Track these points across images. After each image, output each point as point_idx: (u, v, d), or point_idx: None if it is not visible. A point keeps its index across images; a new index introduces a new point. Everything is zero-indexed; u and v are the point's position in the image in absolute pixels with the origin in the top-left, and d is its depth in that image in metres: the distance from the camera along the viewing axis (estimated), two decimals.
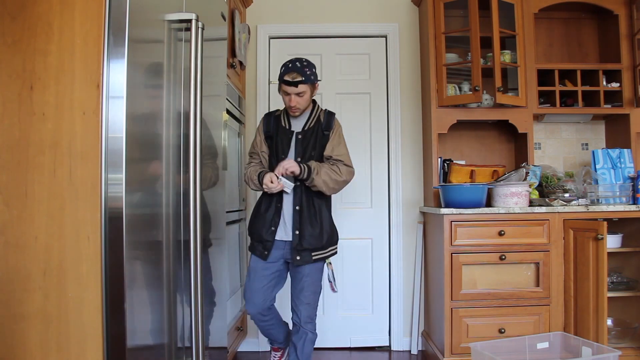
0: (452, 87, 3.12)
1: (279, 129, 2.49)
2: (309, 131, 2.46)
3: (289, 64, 2.35)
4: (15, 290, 1.28)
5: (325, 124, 2.47)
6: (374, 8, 3.48)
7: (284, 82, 2.34)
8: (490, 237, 2.74)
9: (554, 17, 3.34)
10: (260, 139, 2.54)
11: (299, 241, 2.35)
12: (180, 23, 1.62)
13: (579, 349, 2.45)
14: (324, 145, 2.44)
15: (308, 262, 2.37)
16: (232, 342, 2.76)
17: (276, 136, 2.48)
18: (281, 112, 2.55)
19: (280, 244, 2.41)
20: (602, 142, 3.39)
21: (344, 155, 2.46)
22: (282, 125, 2.49)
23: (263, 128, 2.53)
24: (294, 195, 2.38)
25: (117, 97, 1.29)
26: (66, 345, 1.28)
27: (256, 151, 2.54)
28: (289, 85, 2.32)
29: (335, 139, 2.47)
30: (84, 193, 1.28)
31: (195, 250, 1.61)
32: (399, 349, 3.35)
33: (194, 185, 1.61)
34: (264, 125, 2.53)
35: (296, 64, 2.33)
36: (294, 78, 2.31)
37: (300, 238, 2.35)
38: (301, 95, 2.35)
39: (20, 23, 1.30)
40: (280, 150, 2.45)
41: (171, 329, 1.57)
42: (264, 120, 2.55)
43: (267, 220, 2.41)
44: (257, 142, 2.55)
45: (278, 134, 2.48)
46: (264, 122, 2.54)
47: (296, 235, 2.36)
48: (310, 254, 2.37)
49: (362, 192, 3.44)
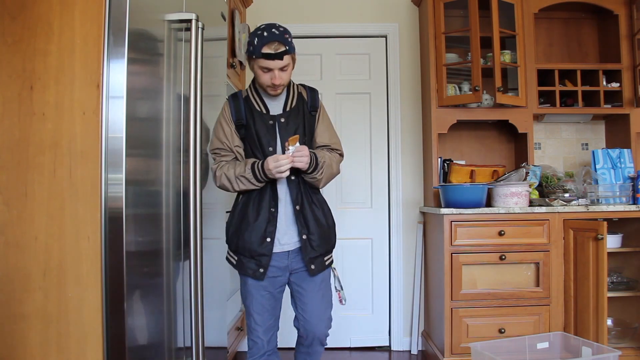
0: (452, 87, 3.12)
1: (254, 114, 1.95)
2: (293, 113, 1.98)
3: (263, 33, 1.84)
4: (15, 290, 1.28)
5: (311, 102, 2.02)
6: (374, 8, 3.48)
7: (264, 56, 1.84)
8: (490, 237, 2.74)
9: (554, 17, 3.34)
10: (230, 130, 1.95)
11: (310, 246, 1.94)
12: (180, 23, 1.62)
13: (579, 349, 2.44)
14: (312, 129, 2.02)
15: (322, 269, 1.98)
16: (232, 342, 2.76)
17: (253, 125, 1.95)
18: (249, 93, 2.00)
19: (281, 255, 1.95)
20: (602, 142, 3.38)
21: (338, 143, 2.08)
22: (257, 110, 1.96)
23: (232, 116, 1.96)
24: (290, 193, 1.94)
25: (117, 97, 1.29)
26: (66, 345, 1.28)
27: (226, 147, 1.96)
28: (271, 59, 1.84)
29: (325, 121, 2.06)
30: (84, 193, 1.28)
31: (195, 249, 1.61)
32: (399, 349, 3.35)
33: (194, 185, 1.61)
34: (232, 112, 1.96)
35: (273, 32, 1.84)
36: (277, 49, 1.84)
37: (310, 242, 1.94)
38: (285, 70, 1.89)
39: (20, 23, 1.30)
40: (265, 142, 1.93)
41: (171, 329, 1.57)
42: (231, 105, 1.97)
43: (259, 230, 1.90)
44: (225, 134, 1.96)
45: (255, 121, 1.95)
46: (232, 108, 1.96)
47: (304, 240, 1.93)
48: (323, 259, 1.99)
49: (362, 192, 3.44)
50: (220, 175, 1.93)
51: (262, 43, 1.83)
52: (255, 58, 1.86)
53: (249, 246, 1.91)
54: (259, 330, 1.96)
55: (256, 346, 1.97)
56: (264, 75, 1.88)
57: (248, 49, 1.89)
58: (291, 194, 1.94)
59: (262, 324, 1.96)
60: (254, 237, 1.90)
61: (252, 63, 1.90)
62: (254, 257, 1.92)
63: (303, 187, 1.96)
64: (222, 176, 1.92)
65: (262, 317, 1.96)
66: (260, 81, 1.92)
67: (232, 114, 1.95)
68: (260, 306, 1.96)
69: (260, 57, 1.85)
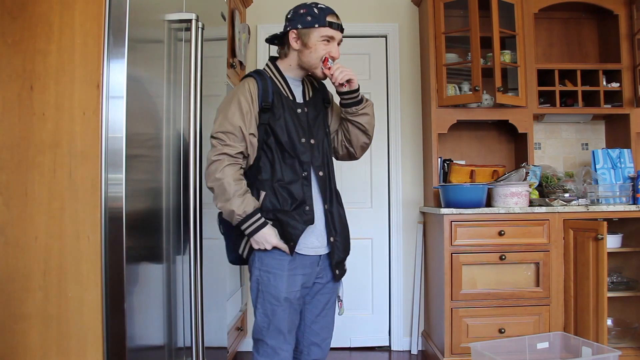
0: (452, 87, 3.12)
1: (283, 100, 1.70)
2: (312, 103, 1.77)
3: (320, 5, 1.69)
4: (15, 290, 1.28)
5: (324, 94, 1.84)
6: (374, 8, 3.48)
7: (330, 25, 1.66)
8: (490, 237, 2.74)
9: (554, 17, 3.34)
10: (251, 113, 1.65)
11: (338, 251, 1.78)
12: (180, 23, 1.62)
13: (579, 349, 2.44)
14: (327, 122, 1.83)
15: (342, 276, 1.83)
16: (232, 342, 2.76)
17: (283, 112, 1.68)
18: (272, 74, 1.74)
19: (310, 260, 1.72)
20: (602, 142, 3.38)
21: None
22: (285, 95, 1.71)
23: (259, 96, 1.66)
24: (319, 189, 1.72)
25: (117, 97, 1.29)
26: (66, 345, 1.28)
27: (238, 132, 1.63)
28: (336, 29, 1.67)
29: (336, 110, 1.85)
30: (84, 193, 1.28)
31: (195, 249, 1.61)
32: (399, 349, 3.35)
33: (193, 184, 1.61)
34: (259, 91, 1.66)
35: (329, 7, 1.70)
36: (339, 20, 1.70)
37: (337, 246, 1.78)
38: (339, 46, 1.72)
39: (20, 23, 1.30)
40: (295, 135, 1.67)
41: (171, 329, 1.57)
42: (259, 83, 1.67)
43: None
44: (243, 116, 1.63)
45: (284, 108, 1.69)
46: (260, 86, 1.67)
47: (332, 243, 1.76)
48: (344, 265, 1.83)
49: (362, 192, 3.44)
50: (220, 178, 1.59)
51: (326, 13, 1.67)
52: (318, 27, 1.65)
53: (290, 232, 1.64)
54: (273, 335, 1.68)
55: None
56: (325, 47, 1.67)
57: (304, 19, 1.66)
58: (319, 189, 1.72)
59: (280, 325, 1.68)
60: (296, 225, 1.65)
61: (309, 35, 1.66)
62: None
63: (329, 182, 1.76)
64: (214, 173, 1.60)
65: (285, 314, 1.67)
66: (315, 56, 1.67)
67: (258, 94, 1.66)
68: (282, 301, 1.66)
69: (325, 26, 1.65)
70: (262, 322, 1.67)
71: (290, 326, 1.69)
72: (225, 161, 1.61)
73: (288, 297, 1.66)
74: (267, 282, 1.66)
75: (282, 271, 1.66)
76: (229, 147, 1.62)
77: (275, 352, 1.66)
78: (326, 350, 1.81)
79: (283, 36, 1.74)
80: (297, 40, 1.69)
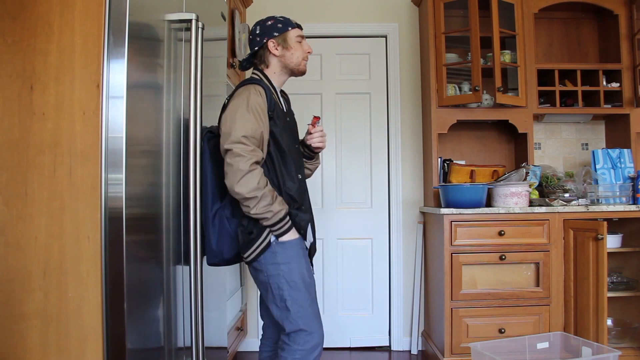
0: (452, 87, 3.12)
1: (278, 108, 1.81)
2: (290, 113, 1.94)
3: (280, 16, 1.91)
4: (15, 290, 1.28)
5: (289, 106, 1.99)
6: (374, 8, 3.48)
7: (298, 26, 1.87)
8: (490, 237, 2.74)
9: (554, 17, 3.34)
10: (266, 122, 1.73)
11: (314, 248, 1.94)
12: (180, 23, 1.62)
13: (579, 349, 2.44)
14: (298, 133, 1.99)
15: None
16: (232, 342, 2.76)
17: (280, 120, 1.80)
18: (269, 84, 1.86)
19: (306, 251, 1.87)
20: (602, 142, 3.38)
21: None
22: (279, 103, 1.85)
23: (268, 106, 1.75)
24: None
25: (117, 97, 1.29)
26: (66, 345, 1.28)
27: (259, 138, 1.70)
28: (302, 29, 1.89)
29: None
30: (84, 193, 1.28)
31: (196, 249, 1.61)
32: (399, 349, 3.35)
33: (194, 184, 1.61)
34: (269, 101, 1.75)
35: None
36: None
37: (314, 244, 1.94)
38: None
39: (20, 23, 1.30)
40: (292, 141, 1.84)
41: (171, 329, 1.57)
42: (267, 93, 1.76)
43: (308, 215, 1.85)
44: (263, 123, 1.72)
45: (280, 116, 1.81)
46: (267, 95, 1.76)
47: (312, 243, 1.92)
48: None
49: (362, 192, 3.44)
50: (262, 187, 1.65)
51: (287, 18, 1.87)
52: (290, 29, 1.84)
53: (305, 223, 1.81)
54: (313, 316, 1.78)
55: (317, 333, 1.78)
56: (302, 45, 1.86)
57: (276, 28, 1.83)
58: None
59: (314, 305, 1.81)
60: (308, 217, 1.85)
61: (287, 38, 1.84)
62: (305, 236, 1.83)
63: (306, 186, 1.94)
64: (265, 193, 1.65)
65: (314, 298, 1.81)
66: (296, 55, 1.85)
67: (268, 104, 1.74)
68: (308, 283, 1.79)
69: (295, 27, 1.85)
70: (296, 313, 1.74)
71: (317, 307, 1.81)
72: (258, 169, 1.68)
73: (311, 281, 1.80)
74: (290, 272, 1.75)
75: (300, 258, 1.77)
76: (255, 153, 1.67)
77: (312, 336, 1.75)
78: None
79: (259, 50, 1.88)
80: (278, 47, 1.84)
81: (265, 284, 1.79)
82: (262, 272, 1.77)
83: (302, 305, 1.75)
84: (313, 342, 1.74)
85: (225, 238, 1.76)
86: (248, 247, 1.74)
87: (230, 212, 1.77)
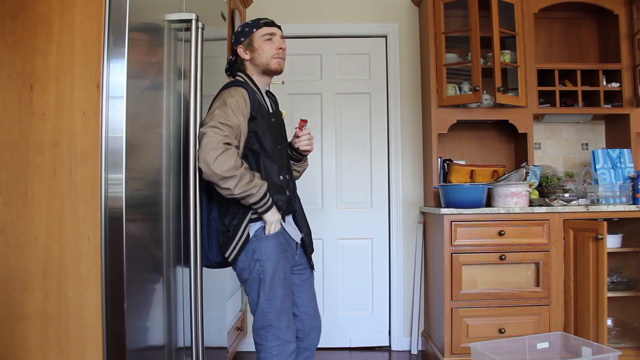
0: (452, 87, 3.12)
1: (262, 109, 1.80)
2: (275, 114, 1.91)
3: (251, 19, 1.90)
4: (15, 290, 1.28)
5: (277, 107, 1.98)
6: (374, 8, 3.48)
7: (265, 24, 1.84)
8: (490, 237, 2.74)
9: (554, 17, 3.34)
10: (245, 117, 1.73)
11: (310, 243, 1.93)
12: (180, 23, 1.62)
13: (579, 349, 2.44)
14: (285, 133, 1.99)
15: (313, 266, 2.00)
16: (232, 342, 2.76)
17: (264, 120, 1.79)
18: (254, 85, 1.85)
19: (292, 244, 1.85)
20: (602, 142, 3.38)
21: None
22: (263, 104, 1.83)
23: (250, 105, 1.75)
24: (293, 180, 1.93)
25: (117, 97, 1.29)
26: (66, 345, 1.28)
27: (236, 130, 1.69)
28: (273, 26, 1.86)
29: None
30: (84, 193, 1.28)
31: (196, 249, 1.61)
32: (399, 349, 3.34)
33: (193, 184, 1.61)
34: (250, 101, 1.75)
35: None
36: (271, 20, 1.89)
37: (307, 241, 1.92)
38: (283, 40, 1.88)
39: (20, 23, 1.30)
40: (276, 142, 1.83)
41: (171, 329, 1.57)
42: (250, 94, 1.76)
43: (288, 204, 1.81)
44: (243, 116, 1.72)
45: (264, 117, 1.80)
46: (250, 96, 1.76)
47: (302, 238, 1.90)
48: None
49: (362, 192, 3.44)
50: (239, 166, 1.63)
51: (258, 19, 1.87)
52: (255, 30, 1.84)
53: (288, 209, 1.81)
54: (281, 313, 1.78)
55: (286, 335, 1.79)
56: (270, 43, 1.83)
57: (243, 33, 1.85)
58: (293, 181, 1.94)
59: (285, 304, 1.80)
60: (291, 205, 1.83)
61: (252, 40, 1.84)
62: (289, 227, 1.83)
63: (294, 186, 1.95)
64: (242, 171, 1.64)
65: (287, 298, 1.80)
66: (264, 54, 1.83)
67: (251, 104, 1.75)
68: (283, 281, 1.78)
69: (262, 26, 1.84)
70: (266, 307, 1.74)
71: (290, 306, 1.80)
72: (233, 149, 1.65)
73: (285, 277, 1.78)
74: (266, 269, 1.74)
75: (279, 254, 1.76)
76: (230, 139, 1.65)
77: (282, 333, 1.75)
78: (320, 334, 1.99)
79: (236, 58, 1.91)
80: (246, 51, 1.86)
81: (246, 280, 1.78)
82: (245, 270, 1.77)
83: (272, 301, 1.75)
84: (285, 338, 1.76)
85: (214, 240, 1.78)
86: (227, 245, 1.73)
87: (217, 213, 1.79)
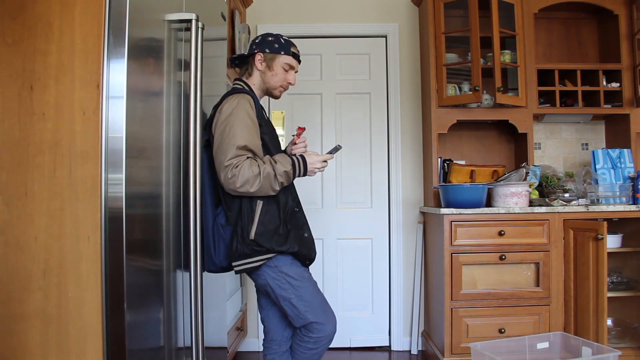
0: (452, 87, 3.12)
1: (263, 118, 1.88)
2: (270, 122, 2.02)
3: (285, 37, 1.93)
4: (15, 290, 1.28)
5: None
6: (374, 8, 3.48)
7: (293, 55, 1.90)
8: (490, 237, 2.74)
9: (554, 17, 3.34)
10: (257, 129, 1.80)
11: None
12: (180, 23, 1.62)
13: (579, 349, 2.44)
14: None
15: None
16: (232, 342, 2.76)
17: (266, 128, 1.88)
18: (253, 94, 1.89)
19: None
20: (602, 142, 3.38)
21: None
22: (264, 116, 1.90)
23: (257, 114, 1.82)
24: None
25: (117, 97, 1.29)
26: (66, 345, 1.28)
27: (254, 147, 1.76)
28: (297, 60, 1.93)
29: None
30: (84, 193, 1.28)
31: (196, 249, 1.61)
32: (399, 349, 3.35)
33: (193, 185, 1.61)
34: (257, 111, 1.82)
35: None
36: (299, 52, 1.94)
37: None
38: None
39: (20, 23, 1.30)
40: (277, 148, 1.94)
41: (171, 329, 1.57)
42: (256, 103, 1.84)
43: (311, 238, 1.90)
44: (256, 132, 1.78)
45: (265, 125, 1.88)
46: (257, 106, 1.83)
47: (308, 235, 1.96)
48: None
49: (362, 192, 3.44)
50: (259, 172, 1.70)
51: (290, 44, 1.90)
52: (283, 54, 1.88)
53: (309, 254, 1.87)
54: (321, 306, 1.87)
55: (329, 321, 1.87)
56: (285, 73, 1.90)
57: (272, 46, 1.87)
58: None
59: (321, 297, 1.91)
60: (311, 245, 1.88)
61: (275, 60, 1.88)
62: (310, 259, 1.89)
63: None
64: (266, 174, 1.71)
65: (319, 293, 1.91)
66: (275, 79, 1.90)
67: (257, 113, 1.81)
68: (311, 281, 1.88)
69: (289, 55, 1.89)
70: (303, 307, 1.81)
71: (322, 297, 1.88)
72: (244, 159, 1.72)
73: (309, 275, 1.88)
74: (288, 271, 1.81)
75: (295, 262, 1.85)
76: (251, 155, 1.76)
77: (323, 326, 1.82)
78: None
79: (248, 57, 1.93)
80: (263, 62, 1.89)
81: (265, 286, 1.83)
82: (259, 275, 1.82)
83: (306, 299, 1.81)
84: (326, 332, 1.83)
85: (221, 246, 1.81)
86: (239, 258, 1.77)
87: (225, 220, 1.82)
